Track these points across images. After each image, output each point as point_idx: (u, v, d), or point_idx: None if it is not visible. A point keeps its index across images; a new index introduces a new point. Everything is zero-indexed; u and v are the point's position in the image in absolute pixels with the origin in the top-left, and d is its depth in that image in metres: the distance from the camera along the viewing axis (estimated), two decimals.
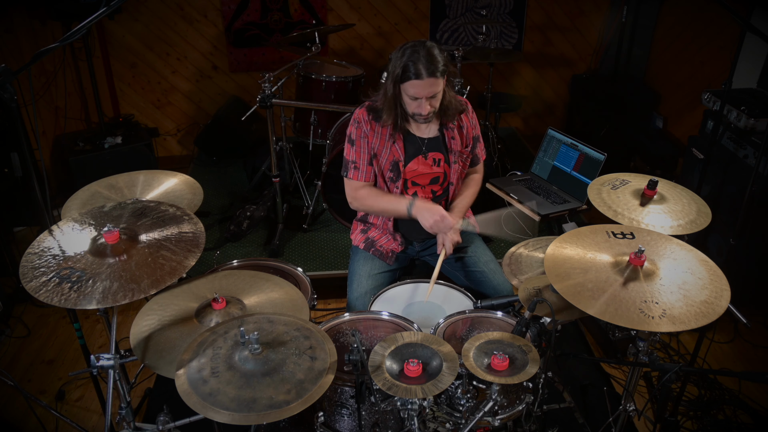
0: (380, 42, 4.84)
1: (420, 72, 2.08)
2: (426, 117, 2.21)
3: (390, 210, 2.35)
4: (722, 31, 3.95)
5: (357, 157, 2.31)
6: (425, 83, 2.10)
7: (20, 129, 1.81)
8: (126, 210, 1.86)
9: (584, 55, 5.06)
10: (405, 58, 2.10)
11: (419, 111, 2.18)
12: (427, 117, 2.21)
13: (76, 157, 4.01)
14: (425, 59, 2.08)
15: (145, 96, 4.81)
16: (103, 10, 1.77)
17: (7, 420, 2.63)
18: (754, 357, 3.01)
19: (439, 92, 2.17)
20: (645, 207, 2.00)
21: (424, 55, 2.08)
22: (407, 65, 2.09)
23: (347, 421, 1.80)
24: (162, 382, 2.67)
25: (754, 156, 2.93)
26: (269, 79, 3.22)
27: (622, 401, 1.99)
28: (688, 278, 1.63)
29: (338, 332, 1.97)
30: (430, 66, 2.08)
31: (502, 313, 2.06)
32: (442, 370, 1.57)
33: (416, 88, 2.12)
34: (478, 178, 2.54)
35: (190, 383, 1.43)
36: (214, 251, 3.55)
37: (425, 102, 2.15)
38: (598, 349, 3.03)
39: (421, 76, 2.09)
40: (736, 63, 2.52)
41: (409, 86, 2.12)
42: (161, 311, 1.76)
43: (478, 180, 2.53)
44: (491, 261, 2.45)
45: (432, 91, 2.14)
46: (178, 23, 4.58)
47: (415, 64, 2.08)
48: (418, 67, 2.08)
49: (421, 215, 2.24)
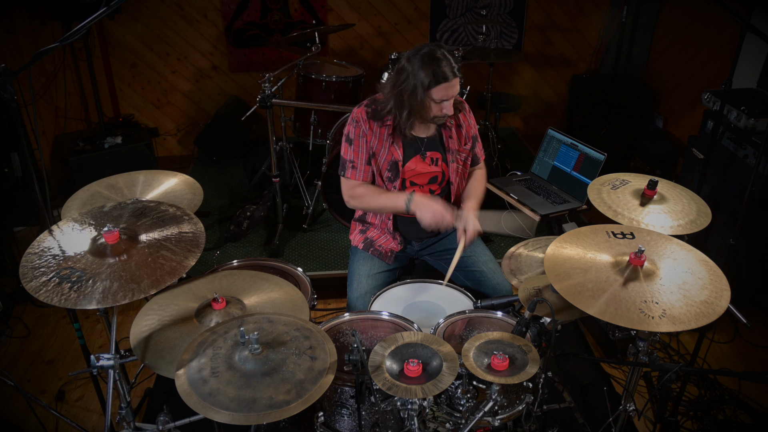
0: (380, 42, 4.84)
1: (446, 75, 2.09)
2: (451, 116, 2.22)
3: (389, 206, 2.34)
4: (722, 31, 3.95)
5: (355, 157, 2.31)
6: (452, 84, 2.12)
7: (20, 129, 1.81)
8: (126, 210, 1.86)
9: (584, 55, 5.06)
10: (429, 65, 2.09)
11: (447, 112, 2.18)
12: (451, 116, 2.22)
13: (76, 157, 4.01)
14: (447, 61, 2.09)
15: (145, 96, 4.81)
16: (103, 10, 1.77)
17: (7, 420, 2.63)
18: (754, 357, 3.01)
19: (459, 90, 2.19)
20: (645, 207, 2.00)
21: (443, 57, 2.09)
22: (435, 71, 2.08)
23: (347, 421, 1.80)
24: (162, 382, 2.67)
25: (754, 156, 2.93)
26: (269, 79, 3.21)
27: (622, 401, 1.99)
28: (688, 278, 1.63)
29: (338, 332, 1.97)
30: (452, 66, 2.10)
31: (502, 313, 2.06)
32: (442, 370, 1.57)
33: (445, 91, 2.12)
34: (481, 173, 2.53)
35: (190, 383, 1.43)
36: (214, 251, 3.55)
37: (450, 102, 2.17)
38: (598, 349, 3.03)
39: (447, 78, 2.10)
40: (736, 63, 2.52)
41: (437, 90, 2.12)
42: (161, 311, 1.76)
43: (483, 175, 2.53)
44: (490, 261, 2.45)
45: (456, 90, 2.16)
46: (178, 23, 4.58)
47: (441, 68, 2.08)
48: (444, 70, 2.08)
49: (420, 211, 2.22)
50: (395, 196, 2.30)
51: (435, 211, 2.20)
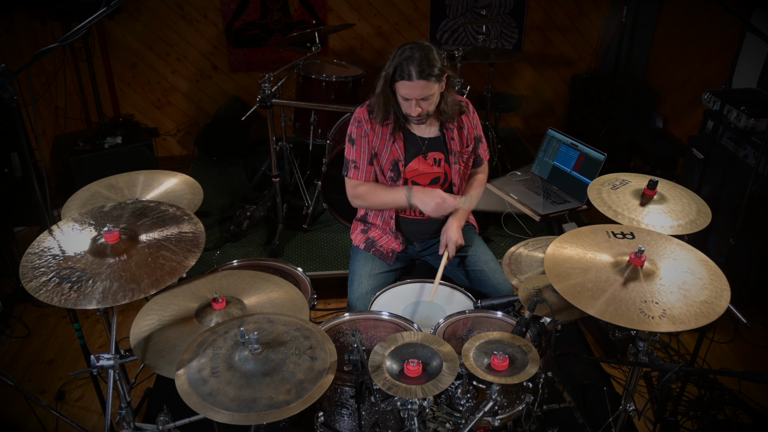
0: (380, 42, 4.84)
1: (411, 73, 2.08)
2: (418, 119, 2.21)
3: (390, 202, 2.35)
4: (722, 31, 3.95)
5: (357, 157, 2.32)
6: (415, 85, 2.10)
7: (20, 129, 1.81)
8: (126, 210, 1.86)
9: (584, 55, 5.06)
10: (399, 58, 2.10)
11: (409, 112, 2.19)
12: (419, 119, 2.21)
13: (76, 157, 4.01)
14: (419, 61, 2.07)
15: (145, 96, 4.81)
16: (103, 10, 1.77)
17: (7, 420, 2.63)
18: (754, 357, 3.01)
19: (431, 96, 2.15)
20: (645, 207, 2.00)
21: (418, 57, 2.08)
22: (400, 65, 2.10)
23: (347, 421, 1.80)
24: (162, 382, 2.67)
25: (754, 156, 2.93)
26: (269, 79, 3.21)
27: (622, 401, 1.99)
28: (688, 278, 1.63)
29: (338, 332, 1.97)
30: (423, 69, 2.07)
31: (502, 313, 2.06)
32: (442, 370, 1.57)
33: (407, 89, 2.12)
34: (482, 177, 2.54)
35: (190, 383, 1.43)
36: (214, 251, 3.55)
37: (415, 104, 2.16)
38: (598, 349, 3.03)
39: (411, 78, 2.09)
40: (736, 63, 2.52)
41: (399, 86, 2.14)
42: (161, 311, 1.76)
43: (482, 180, 2.54)
44: (491, 260, 2.45)
45: (422, 94, 2.13)
46: (178, 23, 4.58)
47: (407, 65, 2.08)
48: (410, 68, 2.08)
49: (421, 201, 2.23)
50: (395, 191, 2.31)
51: (435, 199, 2.21)
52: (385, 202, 2.36)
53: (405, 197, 2.27)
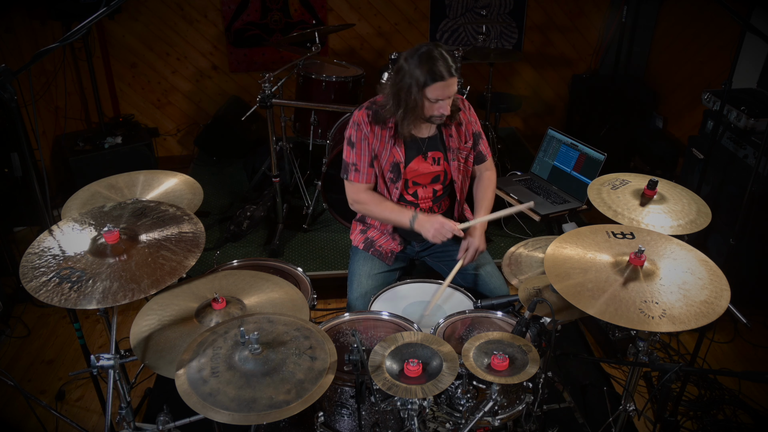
0: (380, 42, 4.84)
1: (442, 74, 2.09)
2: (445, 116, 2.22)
3: (393, 220, 2.36)
4: (722, 31, 3.95)
5: (357, 159, 2.31)
6: (448, 83, 2.12)
7: (20, 129, 1.81)
8: (126, 210, 1.86)
9: (584, 55, 5.06)
10: (426, 64, 2.09)
11: (443, 111, 2.18)
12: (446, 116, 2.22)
13: (76, 157, 4.01)
14: (442, 60, 2.09)
15: (145, 96, 4.81)
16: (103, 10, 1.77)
17: (7, 420, 2.63)
18: (754, 357, 3.01)
19: (456, 90, 2.19)
20: (645, 207, 2.00)
21: (440, 57, 2.09)
22: (430, 69, 2.09)
23: (347, 421, 1.81)
24: (162, 382, 2.67)
25: (754, 156, 2.93)
26: (269, 79, 3.21)
27: (622, 401, 1.99)
28: (688, 278, 1.63)
29: (338, 332, 1.97)
30: (449, 66, 2.10)
31: (502, 313, 2.06)
32: (442, 370, 1.57)
33: (439, 90, 2.12)
34: (490, 176, 2.52)
35: (190, 383, 1.43)
36: (214, 251, 3.55)
37: (447, 102, 2.17)
38: (598, 349, 3.03)
39: (443, 77, 2.10)
40: (736, 63, 2.52)
41: (433, 89, 2.12)
42: (161, 311, 1.76)
43: (492, 178, 2.52)
44: (488, 264, 2.44)
45: (453, 90, 2.16)
46: (178, 23, 4.58)
47: (436, 67, 2.08)
48: (440, 69, 2.08)
49: (423, 227, 2.25)
50: (400, 212, 2.31)
51: (436, 225, 2.21)
52: (387, 218, 2.37)
53: (408, 221, 2.27)
